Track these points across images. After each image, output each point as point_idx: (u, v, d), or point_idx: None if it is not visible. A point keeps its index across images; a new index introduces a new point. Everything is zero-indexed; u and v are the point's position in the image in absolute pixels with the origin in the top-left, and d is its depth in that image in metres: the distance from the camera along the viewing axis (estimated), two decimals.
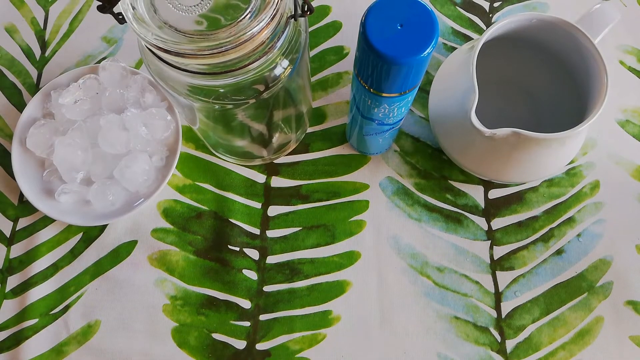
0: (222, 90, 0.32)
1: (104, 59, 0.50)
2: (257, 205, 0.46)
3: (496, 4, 0.53)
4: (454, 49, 0.51)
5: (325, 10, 0.52)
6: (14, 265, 0.45)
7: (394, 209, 0.46)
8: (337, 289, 0.44)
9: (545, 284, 0.44)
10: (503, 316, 0.43)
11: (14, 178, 0.44)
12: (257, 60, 0.29)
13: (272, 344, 0.43)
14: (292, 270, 0.44)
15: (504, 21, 0.38)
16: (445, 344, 0.42)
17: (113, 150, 0.43)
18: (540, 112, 0.47)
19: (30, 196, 0.43)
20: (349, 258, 0.45)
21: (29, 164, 0.45)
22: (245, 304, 0.44)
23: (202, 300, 0.44)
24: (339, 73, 0.50)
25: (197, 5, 0.29)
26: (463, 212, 0.46)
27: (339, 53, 0.51)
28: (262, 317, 0.43)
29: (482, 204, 0.46)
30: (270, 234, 0.45)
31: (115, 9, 0.27)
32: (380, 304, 0.43)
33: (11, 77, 0.50)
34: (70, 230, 0.46)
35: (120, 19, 0.28)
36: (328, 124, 0.49)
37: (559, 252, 0.45)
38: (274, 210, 0.46)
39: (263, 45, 0.29)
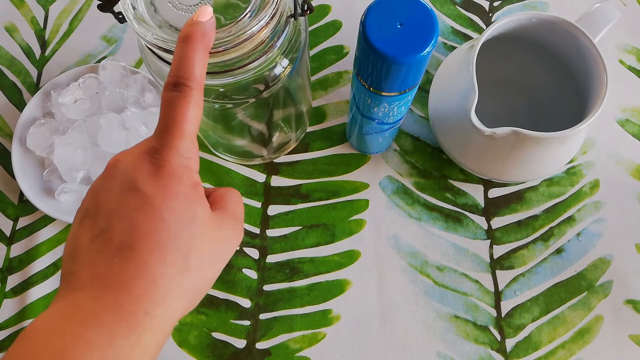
0: (222, 90, 0.32)
1: (104, 58, 0.50)
2: (257, 204, 0.46)
3: (496, 3, 0.53)
4: (453, 48, 0.51)
5: (325, 9, 0.52)
6: (14, 265, 0.45)
7: (393, 208, 0.46)
8: (337, 288, 0.44)
9: (545, 283, 0.44)
10: (503, 315, 0.43)
11: (14, 177, 0.44)
12: (257, 59, 0.30)
13: (272, 343, 0.43)
14: (292, 270, 0.44)
15: (504, 20, 0.38)
16: (445, 343, 0.42)
17: (113, 150, 0.43)
18: (540, 111, 0.47)
19: (30, 195, 0.43)
20: (349, 257, 0.45)
21: (29, 163, 0.45)
22: (245, 303, 0.44)
23: (202, 299, 0.44)
24: (339, 72, 0.50)
25: (197, 4, 0.29)
26: (463, 211, 0.46)
27: (338, 52, 0.51)
28: (262, 316, 0.43)
29: (482, 203, 0.46)
30: (270, 233, 0.45)
31: (116, 8, 0.27)
32: (380, 303, 0.43)
33: (11, 76, 0.50)
34: (70, 229, 0.46)
35: (120, 18, 0.28)
36: (328, 123, 0.49)
37: (558, 251, 0.45)
38: (273, 210, 0.46)
39: (263, 45, 0.29)
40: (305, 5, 0.30)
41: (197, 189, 0.22)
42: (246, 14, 0.28)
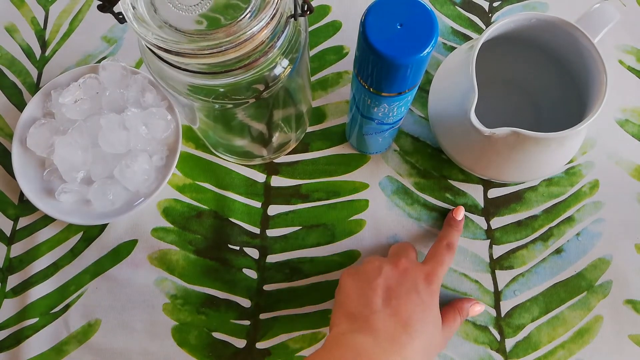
0: (222, 90, 0.32)
1: (104, 58, 0.50)
2: (257, 204, 0.46)
3: (495, 4, 0.53)
4: (453, 48, 0.51)
5: (325, 9, 0.52)
6: (14, 265, 0.45)
7: (393, 208, 0.46)
8: (336, 288, 0.44)
9: (545, 283, 0.44)
10: (502, 315, 0.43)
11: (14, 177, 0.44)
12: (257, 59, 0.30)
13: (272, 343, 0.43)
14: (292, 270, 0.44)
15: (504, 21, 0.38)
16: None
17: (113, 150, 0.43)
18: (539, 111, 0.47)
19: (30, 195, 0.43)
20: (349, 257, 0.45)
21: (29, 163, 0.45)
22: (245, 303, 0.44)
23: (202, 300, 0.44)
24: (339, 72, 0.50)
25: (197, 4, 0.29)
26: None
27: (338, 53, 0.51)
28: (262, 316, 0.43)
29: (481, 203, 0.46)
30: (270, 233, 0.45)
31: (116, 9, 0.27)
32: None
33: (11, 76, 0.50)
34: (70, 229, 0.46)
35: (120, 18, 0.28)
36: (328, 123, 0.49)
37: (558, 251, 0.45)
38: (273, 210, 0.46)
39: (263, 45, 0.29)
40: (305, 6, 0.30)
41: (437, 299, 0.37)
42: (246, 15, 0.28)
